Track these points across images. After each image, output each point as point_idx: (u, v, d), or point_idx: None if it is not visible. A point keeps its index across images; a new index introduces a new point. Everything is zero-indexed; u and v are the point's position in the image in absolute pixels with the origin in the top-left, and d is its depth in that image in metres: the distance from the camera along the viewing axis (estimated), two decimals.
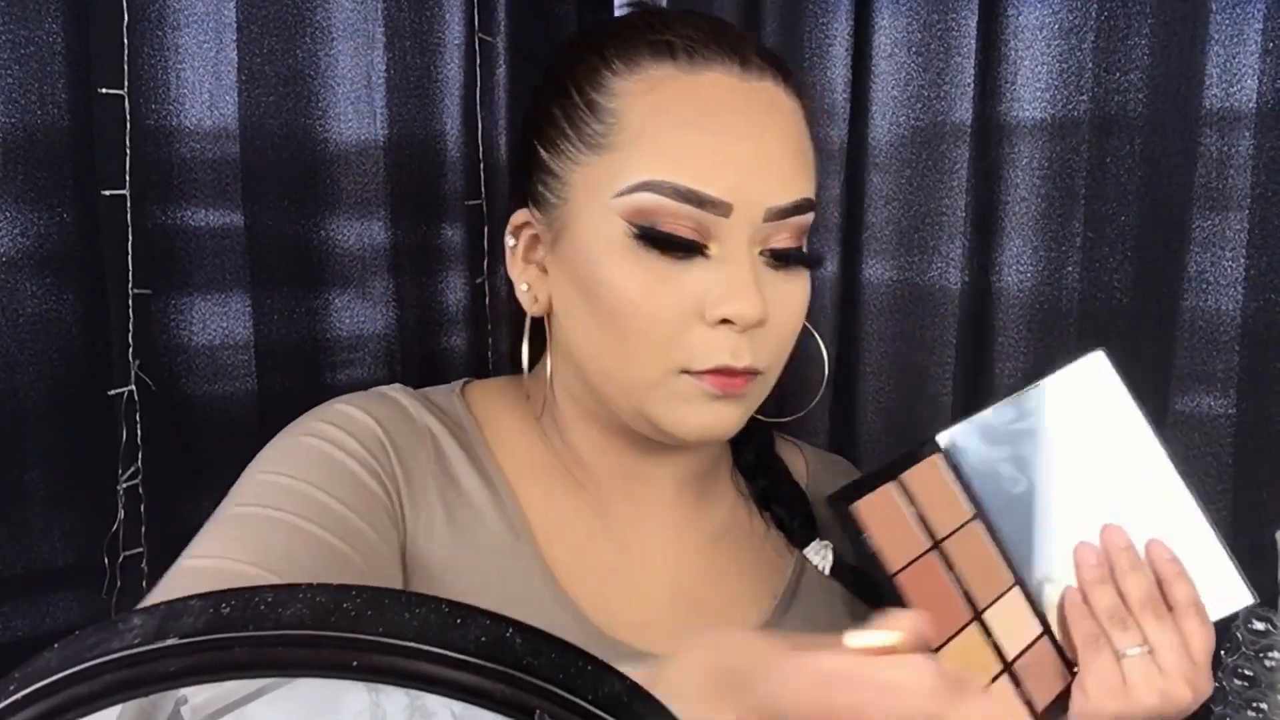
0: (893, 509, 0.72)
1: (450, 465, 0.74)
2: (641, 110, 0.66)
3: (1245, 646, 0.70)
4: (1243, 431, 0.88)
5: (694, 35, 0.68)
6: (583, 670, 0.39)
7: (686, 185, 0.64)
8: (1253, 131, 0.86)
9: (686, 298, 0.66)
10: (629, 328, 0.66)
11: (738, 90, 0.67)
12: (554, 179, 0.70)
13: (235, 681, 0.40)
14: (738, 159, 0.65)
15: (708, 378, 0.66)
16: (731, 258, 0.66)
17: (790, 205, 0.67)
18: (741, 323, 0.66)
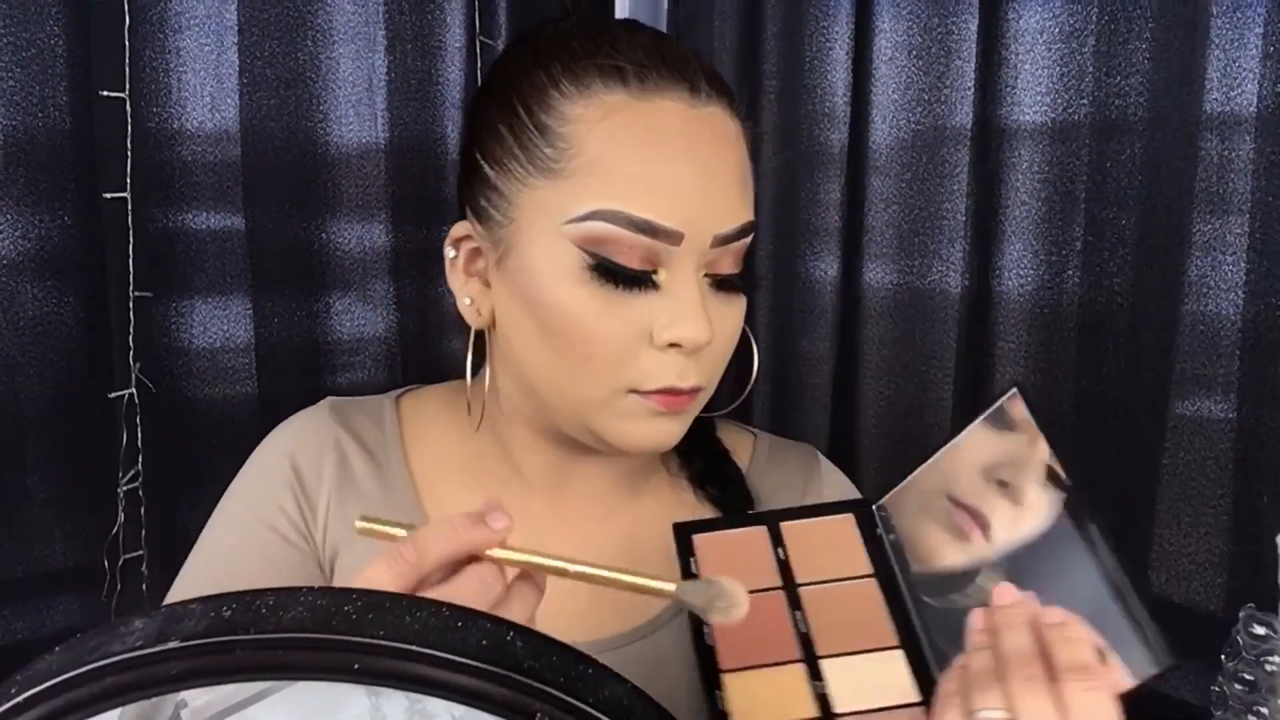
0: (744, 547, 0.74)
1: (353, 472, 0.78)
2: (596, 138, 0.67)
3: (1246, 651, 0.70)
4: (1243, 436, 0.88)
5: (644, 59, 0.68)
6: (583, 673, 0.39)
7: (641, 216, 0.65)
8: (1253, 135, 0.86)
9: (635, 323, 0.67)
10: (578, 351, 0.67)
11: (688, 117, 0.68)
12: (500, 197, 0.70)
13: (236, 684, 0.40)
14: (690, 189, 0.67)
15: (654, 397, 0.68)
16: (680, 284, 0.67)
17: (735, 231, 0.69)
18: (690, 347, 0.67)
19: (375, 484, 0.78)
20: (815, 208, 1.13)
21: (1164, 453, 0.93)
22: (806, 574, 0.71)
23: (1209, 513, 0.90)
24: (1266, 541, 0.74)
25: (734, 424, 0.87)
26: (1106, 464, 0.95)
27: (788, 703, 0.65)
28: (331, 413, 0.81)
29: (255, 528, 0.76)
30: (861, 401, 1.12)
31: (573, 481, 0.78)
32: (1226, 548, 0.89)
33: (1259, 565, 0.80)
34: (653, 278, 0.67)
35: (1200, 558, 0.91)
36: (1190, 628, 0.92)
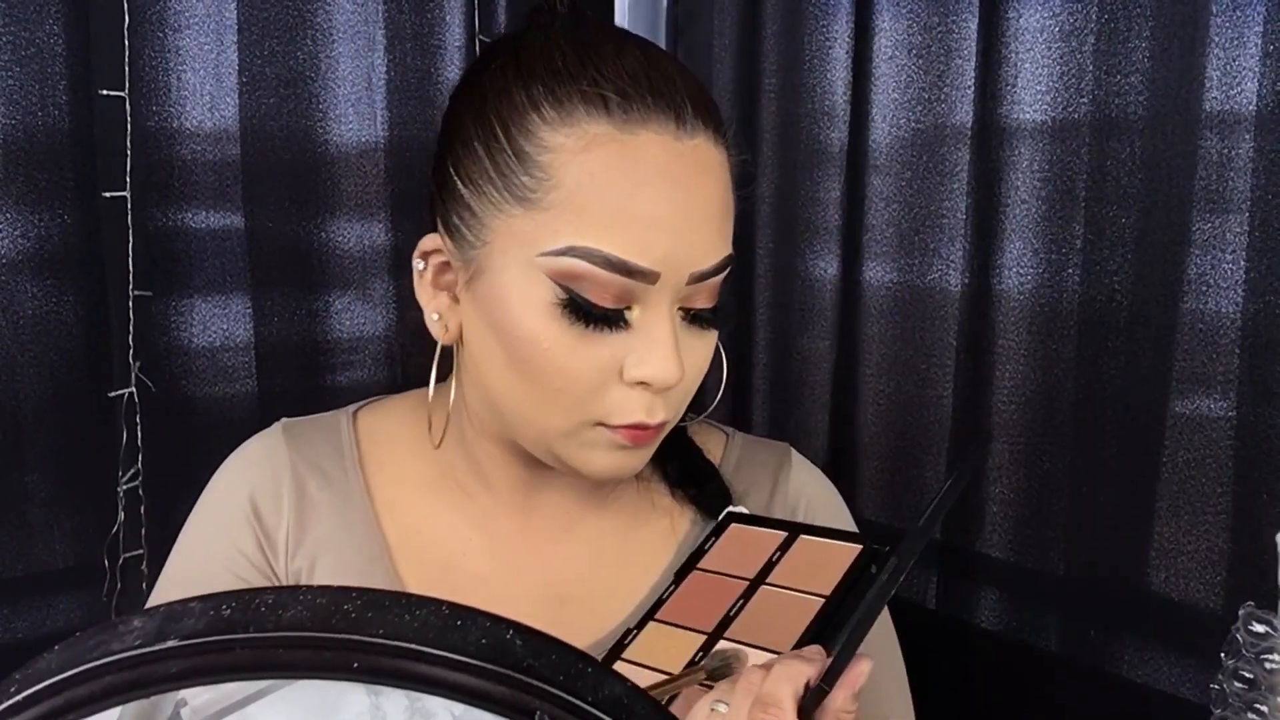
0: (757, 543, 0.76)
1: (310, 498, 0.77)
2: (575, 170, 0.65)
3: (1245, 649, 0.70)
4: (1243, 434, 0.88)
5: (629, 86, 0.66)
6: (583, 672, 0.39)
7: (618, 257, 0.64)
8: (1253, 134, 0.86)
9: (606, 360, 0.66)
10: (547, 383, 0.67)
11: (672, 151, 0.66)
12: (474, 218, 0.68)
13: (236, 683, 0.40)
14: (668, 227, 0.65)
15: (621, 432, 0.68)
16: (653, 322, 0.66)
17: (713, 268, 0.68)
18: (659, 386, 0.67)
19: (333, 507, 0.77)
20: (815, 206, 1.13)
21: (1163, 451, 0.93)
22: (779, 578, 0.74)
23: (1208, 511, 0.90)
24: (1266, 539, 0.73)
25: (707, 423, 0.87)
26: (1106, 462, 0.95)
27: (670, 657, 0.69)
28: (285, 437, 0.79)
29: (218, 571, 0.76)
30: (861, 400, 1.12)
31: (540, 495, 0.78)
32: (1226, 546, 0.89)
33: (1258, 563, 0.80)
34: (625, 316, 0.66)
35: (1200, 555, 0.91)
36: (1190, 625, 0.92)
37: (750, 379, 1.20)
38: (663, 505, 0.82)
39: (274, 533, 0.76)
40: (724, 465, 0.84)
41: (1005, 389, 1.02)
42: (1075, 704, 0.99)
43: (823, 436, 1.15)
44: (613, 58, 0.67)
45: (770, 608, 0.72)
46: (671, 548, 0.80)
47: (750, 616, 0.71)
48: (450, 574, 0.77)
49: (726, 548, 0.77)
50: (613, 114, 0.65)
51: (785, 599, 0.72)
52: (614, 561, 0.79)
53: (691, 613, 0.72)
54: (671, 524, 0.81)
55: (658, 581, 0.78)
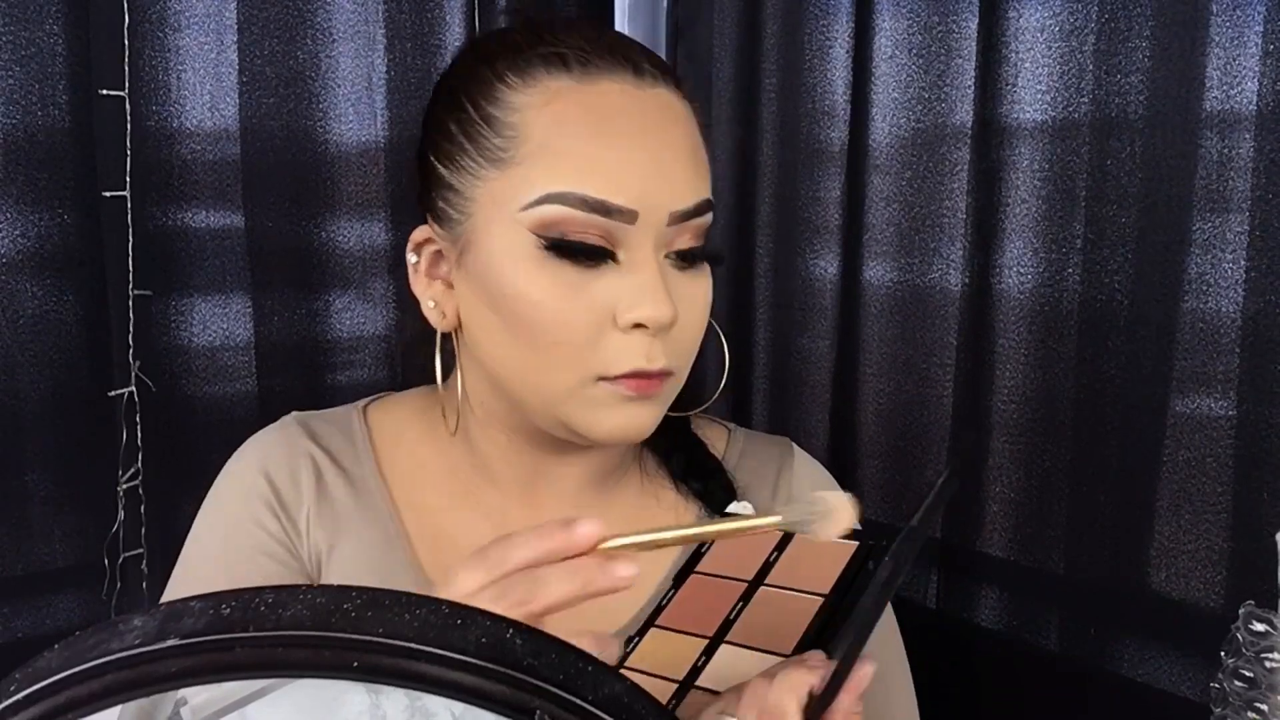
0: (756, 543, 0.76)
1: (329, 491, 0.77)
2: (542, 123, 0.67)
3: (1245, 648, 0.70)
4: (1243, 434, 0.88)
5: (585, 45, 0.69)
6: (583, 671, 0.39)
7: (594, 196, 0.65)
8: (1253, 134, 0.86)
9: (598, 305, 0.67)
10: (544, 339, 0.67)
11: (634, 97, 0.69)
12: (455, 195, 0.70)
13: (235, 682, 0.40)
14: (640, 166, 0.67)
15: (623, 382, 0.68)
16: (639, 263, 0.67)
17: (692, 208, 0.69)
18: (654, 326, 0.67)
19: (350, 498, 0.77)
20: (815, 206, 1.13)
21: (1164, 450, 0.93)
22: (777, 578, 0.74)
23: (1209, 510, 0.90)
24: (1266, 538, 0.73)
25: (709, 419, 0.87)
26: (1106, 461, 0.95)
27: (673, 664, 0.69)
28: (299, 428, 0.80)
29: (242, 548, 0.75)
30: (861, 399, 1.12)
31: (546, 484, 0.78)
32: (1226, 545, 0.89)
33: (1259, 562, 0.80)
34: (613, 257, 0.67)
35: (1200, 555, 0.91)
36: (1190, 624, 0.92)
37: (750, 379, 1.20)
38: (667, 500, 0.82)
39: (295, 514, 0.76)
40: (727, 460, 0.84)
41: (1005, 389, 1.02)
42: (1075, 704, 0.99)
43: (823, 436, 1.15)
44: (565, 29, 0.71)
45: (770, 609, 0.72)
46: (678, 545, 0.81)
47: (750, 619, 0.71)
48: None
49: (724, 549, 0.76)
50: (572, 69, 0.68)
51: (784, 599, 0.72)
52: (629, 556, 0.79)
53: (692, 617, 0.72)
54: (676, 519, 0.81)
55: (664, 577, 0.78)
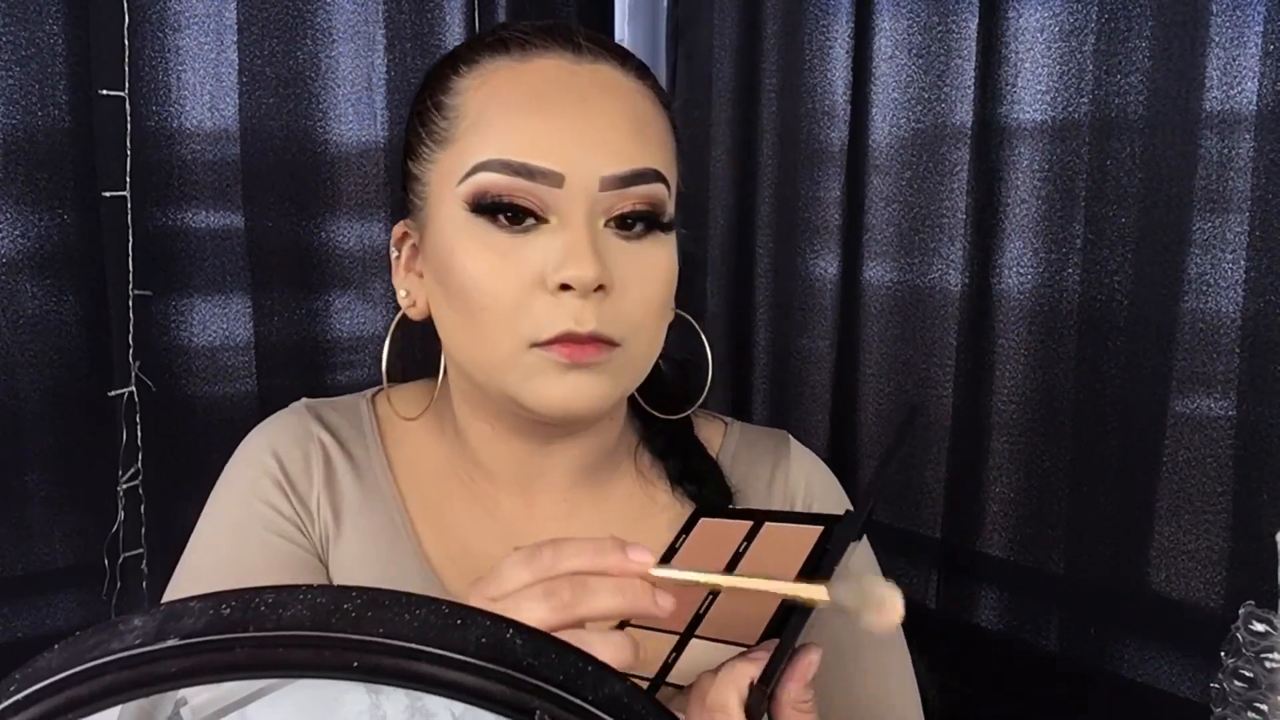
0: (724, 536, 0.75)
1: (336, 476, 0.78)
2: (478, 100, 0.69)
3: (1245, 648, 0.70)
4: (1242, 433, 0.88)
5: (529, 30, 0.71)
6: (583, 671, 0.39)
7: (517, 160, 0.66)
8: (1253, 134, 0.86)
9: (527, 269, 0.67)
10: (475, 304, 0.68)
11: (569, 72, 0.70)
12: (417, 183, 0.72)
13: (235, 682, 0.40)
14: (567, 131, 0.67)
15: (555, 347, 0.67)
16: (568, 226, 0.67)
17: (628, 174, 0.68)
18: (580, 286, 0.66)
19: (357, 486, 0.78)
20: (815, 206, 1.13)
21: (1164, 450, 0.93)
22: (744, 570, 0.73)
23: (1209, 510, 0.90)
24: (1266, 538, 0.74)
25: (707, 413, 0.87)
26: (1106, 461, 0.95)
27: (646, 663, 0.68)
28: (310, 413, 0.80)
29: (253, 530, 0.76)
30: (861, 399, 1.12)
31: (537, 476, 0.78)
32: (1226, 545, 0.89)
33: (1258, 562, 0.80)
34: (544, 220, 0.67)
35: (1200, 555, 0.91)
36: (1190, 624, 0.92)
37: (750, 379, 1.20)
38: (662, 502, 0.81)
39: (305, 496, 0.77)
40: (722, 454, 0.84)
41: (1005, 389, 1.02)
42: (1075, 704, 0.99)
43: (823, 436, 1.15)
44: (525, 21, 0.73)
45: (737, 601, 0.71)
46: None
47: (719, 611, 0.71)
48: (470, 558, 0.77)
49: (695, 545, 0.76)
50: (511, 52, 0.70)
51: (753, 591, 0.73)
52: None
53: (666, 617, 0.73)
54: (671, 521, 0.80)
55: None
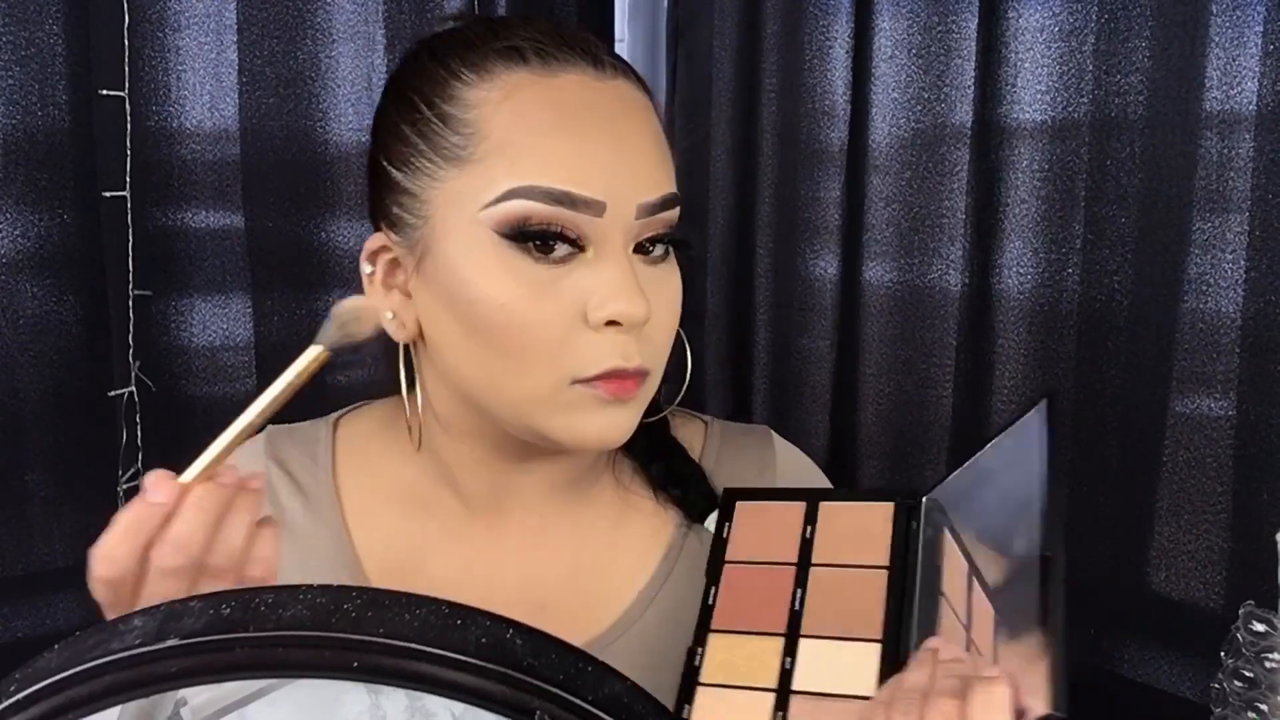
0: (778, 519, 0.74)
1: (280, 508, 0.76)
2: (502, 118, 0.65)
3: (1245, 648, 0.70)
4: (1243, 434, 0.88)
5: (541, 39, 0.67)
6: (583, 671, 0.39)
7: (559, 188, 0.63)
8: (1253, 134, 0.86)
9: (567, 303, 0.64)
10: (512, 342, 0.64)
11: (595, 89, 0.67)
12: (412, 199, 0.67)
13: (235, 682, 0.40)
14: (605, 158, 0.65)
15: (600, 384, 0.65)
16: (609, 257, 0.65)
17: (659, 201, 0.66)
18: (628, 322, 0.64)
19: (304, 519, 0.76)
20: (815, 206, 1.13)
21: (1164, 450, 0.93)
22: (824, 555, 0.71)
23: (1209, 510, 0.90)
24: (1266, 539, 0.74)
25: (684, 412, 0.84)
26: (1106, 461, 0.95)
27: (755, 670, 0.66)
28: (265, 443, 0.78)
29: None
30: (861, 399, 1.12)
31: (511, 494, 0.75)
32: (1226, 545, 0.89)
33: (1258, 562, 0.80)
34: (582, 251, 0.64)
35: (1200, 555, 0.91)
36: (1190, 624, 0.92)
37: (750, 379, 1.20)
38: (645, 509, 0.79)
39: None
40: (705, 457, 0.81)
41: (1005, 389, 1.02)
42: (1075, 704, 0.99)
43: (823, 436, 1.15)
44: (521, 24, 0.69)
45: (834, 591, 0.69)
46: (656, 554, 0.77)
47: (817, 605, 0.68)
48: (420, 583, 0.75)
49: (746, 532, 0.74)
50: (530, 62, 0.66)
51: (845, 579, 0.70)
52: (594, 569, 0.76)
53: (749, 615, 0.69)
54: (655, 529, 0.79)
55: (643, 589, 0.76)
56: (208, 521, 0.57)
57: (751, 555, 0.73)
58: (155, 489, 0.57)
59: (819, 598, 0.69)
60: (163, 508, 0.57)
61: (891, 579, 0.69)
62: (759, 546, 0.73)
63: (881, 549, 0.71)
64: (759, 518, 0.75)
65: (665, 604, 0.76)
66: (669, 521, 0.79)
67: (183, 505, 0.57)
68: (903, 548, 0.71)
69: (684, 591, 0.75)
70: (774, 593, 0.70)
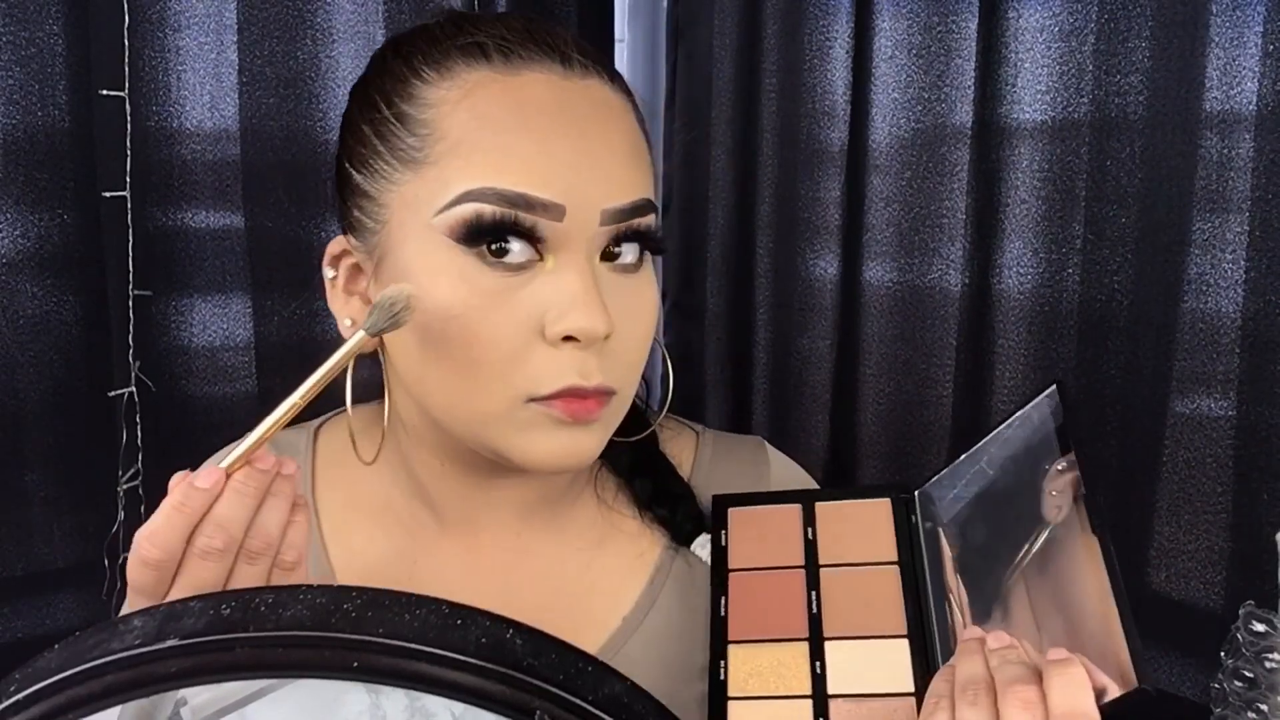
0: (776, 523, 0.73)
1: None
2: (459, 118, 0.61)
3: (1245, 648, 0.70)
4: (1243, 433, 0.88)
5: (507, 35, 0.63)
6: (583, 671, 0.39)
7: (514, 190, 0.59)
8: (1253, 134, 0.86)
9: (523, 315, 0.60)
10: (465, 355, 0.61)
11: (561, 88, 0.62)
12: (369, 202, 0.65)
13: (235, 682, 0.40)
14: (567, 159, 0.60)
15: (556, 403, 0.61)
16: (569, 266, 0.61)
17: (628, 206, 0.62)
18: (586, 338, 0.60)
19: None
20: (815, 206, 1.13)
21: (1163, 450, 0.93)
22: (831, 556, 0.71)
23: (1208, 510, 0.90)
24: (1266, 539, 0.74)
25: (675, 421, 0.81)
26: (1106, 461, 0.95)
27: (785, 678, 0.65)
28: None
29: None
30: (861, 399, 1.12)
31: (486, 513, 0.72)
32: (1226, 545, 0.89)
33: (1259, 562, 0.80)
34: (540, 258, 0.61)
35: (1200, 555, 0.91)
36: (1190, 625, 0.92)
37: (750, 379, 1.20)
38: (628, 529, 0.76)
39: None
40: (698, 469, 0.79)
41: (1005, 389, 1.02)
42: None
43: (823, 436, 1.15)
44: (490, 21, 0.65)
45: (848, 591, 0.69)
46: (642, 578, 0.74)
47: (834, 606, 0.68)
48: None
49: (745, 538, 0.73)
50: (492, 59, 0.62)
51: (856, 577, 0.69)
52: (576, 592, 0.74)
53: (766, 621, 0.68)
54: (640, 551, 0.75)
55: (628, 616, 0.73)
56: (249, 504, 0.58)
57: (755, 562, 0.72)
58: (201, 476, 0.58)
59: (834, 599, 0.69)
60: (209, 493, 0.57)
61: (903, 573, 0.69)
62: (761, 552, 0.72)
63: (887, 545, 0.71)
64: (755, 523, 0.74)
65: (649, 633, 0.73)
66: (655, 543, 0.76)
67: (225, 488, 0.58)
68: (907, 541, 0.71)
69: (670, 619, 0.73)
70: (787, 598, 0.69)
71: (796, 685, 0.65)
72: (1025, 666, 0.54)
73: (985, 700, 0.53)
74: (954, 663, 0.58)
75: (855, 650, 0.66)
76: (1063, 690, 0.51)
